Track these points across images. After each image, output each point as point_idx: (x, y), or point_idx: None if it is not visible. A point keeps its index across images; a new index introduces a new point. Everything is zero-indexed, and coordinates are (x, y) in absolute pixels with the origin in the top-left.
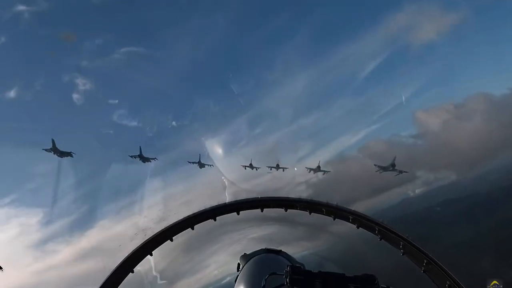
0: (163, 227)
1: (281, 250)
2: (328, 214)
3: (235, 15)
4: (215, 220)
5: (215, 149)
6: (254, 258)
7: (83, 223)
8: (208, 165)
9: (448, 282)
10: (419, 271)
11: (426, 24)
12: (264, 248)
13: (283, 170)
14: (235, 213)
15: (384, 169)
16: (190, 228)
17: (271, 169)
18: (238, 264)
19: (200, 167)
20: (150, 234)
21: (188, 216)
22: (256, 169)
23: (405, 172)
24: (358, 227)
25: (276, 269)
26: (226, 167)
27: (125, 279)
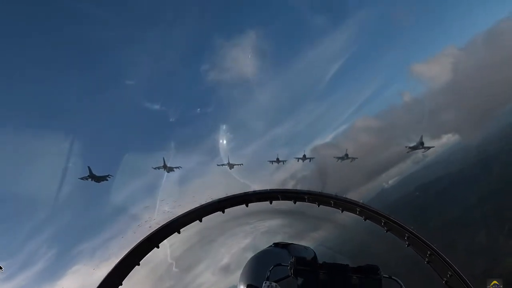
0: (170, 219)
1: (290, 244)
2: (336, 206)
3: (193, 27)
4: (223, 212)
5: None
6: (259, 252)
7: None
8: (237, 164)
9: (449, 273)
10: (422, 262)
11: None
12: (272, 243)
13: (310, 161)
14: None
15: (413, 148)
16: (198, 221)
17: (298, 160)
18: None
19: (230, 168)
20: (155, 226)
21: (195, 208)
22: (283, 163)
23: (432, 147)
24: (365, 219)
25: (281, 261)
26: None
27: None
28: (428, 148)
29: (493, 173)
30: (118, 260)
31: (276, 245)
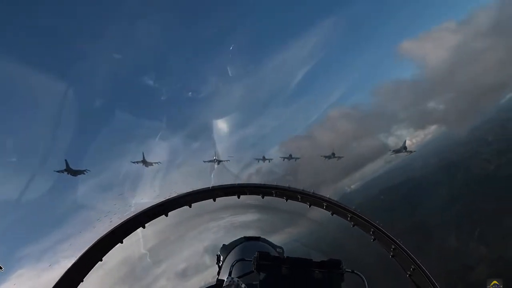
0: (133, 214)
1: (259, 237)
2: (303, 201)
3: (160, 27)
4: (190, 206)
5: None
6: (236, 247)
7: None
8: (225, 160)
9: (412, 266)
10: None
11: None
12: (242, 236)
13: (295, 160)
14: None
15: (396, 151)
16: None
17: (284, 160)
18: (218, 256)
19: (217, 164)
20: (118, 221)
21: (161, 202)
22: (269, 161)
23: (414, 151)
24: (332, 214)
25: (250, 255)
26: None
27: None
28: (411, 152)
29: (460, 176)
30: (79, 255)
31: (246, 239)
